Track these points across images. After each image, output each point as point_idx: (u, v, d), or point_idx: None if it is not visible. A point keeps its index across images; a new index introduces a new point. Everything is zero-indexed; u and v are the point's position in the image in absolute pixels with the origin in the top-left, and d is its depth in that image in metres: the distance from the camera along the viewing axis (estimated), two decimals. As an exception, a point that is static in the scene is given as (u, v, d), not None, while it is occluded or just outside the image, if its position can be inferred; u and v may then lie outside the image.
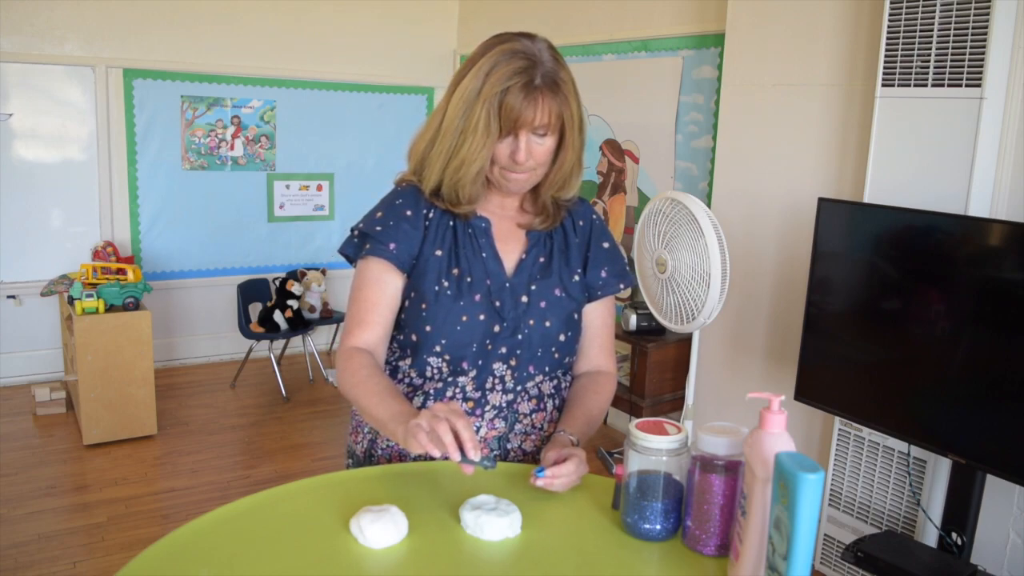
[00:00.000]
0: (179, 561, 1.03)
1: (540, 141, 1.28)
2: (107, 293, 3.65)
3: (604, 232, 1.49)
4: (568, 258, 1.42)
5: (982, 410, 2.07)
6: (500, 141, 1.28)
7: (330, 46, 5.01)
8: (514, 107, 1.24)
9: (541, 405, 1.42)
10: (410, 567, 1.05)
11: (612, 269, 1.45)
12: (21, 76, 4.26)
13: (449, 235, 1.37)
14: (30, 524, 2.99)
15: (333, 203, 5.19)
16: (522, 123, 1.25)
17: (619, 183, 4.08)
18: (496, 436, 1.39)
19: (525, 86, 1.23)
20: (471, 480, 1.25)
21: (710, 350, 3.31)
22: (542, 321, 1.37)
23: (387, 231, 1.35)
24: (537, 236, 1.41)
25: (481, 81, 1.25)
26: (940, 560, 2.21)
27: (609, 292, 1.45)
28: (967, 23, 2.20)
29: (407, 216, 1.35)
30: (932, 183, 2.35)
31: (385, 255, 1.34)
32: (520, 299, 1.37)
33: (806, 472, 0.84)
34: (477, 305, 1.34)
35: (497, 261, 1.38)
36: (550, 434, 1.44)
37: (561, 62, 1.29)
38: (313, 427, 4.05)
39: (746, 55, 3.09)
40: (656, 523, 1.10)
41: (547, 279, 1.39)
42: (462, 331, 1.33)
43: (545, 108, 1.25)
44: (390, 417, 1.20)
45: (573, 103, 1.30)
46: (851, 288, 2.43)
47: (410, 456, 1.39)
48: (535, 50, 1.26)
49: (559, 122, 1.28)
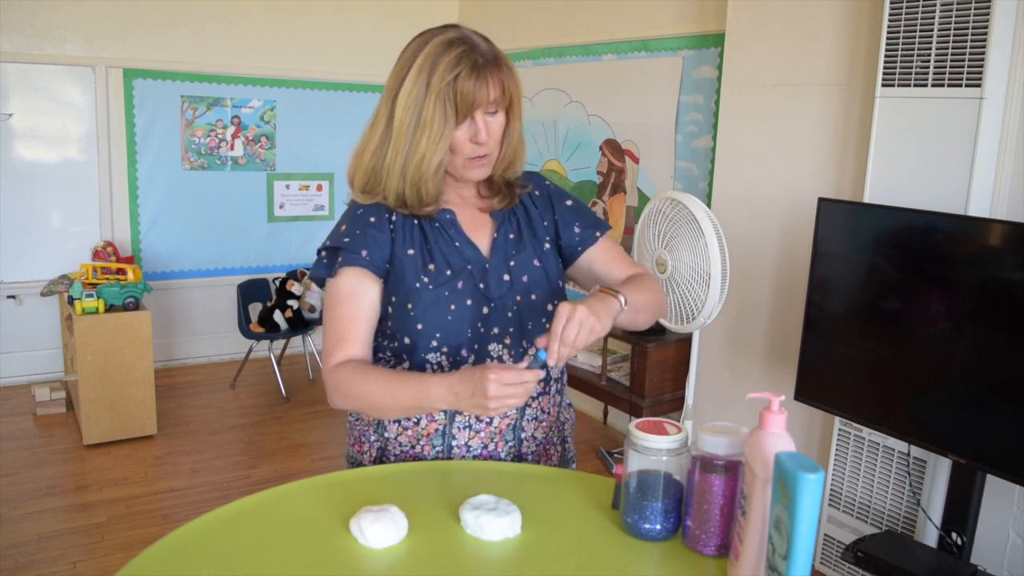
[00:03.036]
0: (179, 561, 1.03)
1: (491, 118, 1.31)
2: (107, 293, 3.65)
3: (562, 193, 1.50)
4: (535, 229, 1.44)
5: (982, 410, 2.07)
6: (457, 128, 1.29)
7: (330, 46, 5.01)
8: (468, 90, 1.26)
9: (547, 388, 1.44)
10: (410, 567, 1.05)
11: (583, 222, 1.47)
12: (21, 76, 4.26)
13: (417, 233, 1.37)
14: (30, 524, 2.99)
15: (333, 203, 5.19)
16: (478, 103, 1.27)
17: (619, 183, 4.08)
18: (509, 424, 1.39)
19: (473, 68, 1.26)
20: (471, 480, 1.25)
21: (710, 350, 3.31)
22: (528, 295, 1.39)
23: (355, 240, 1.33)
24: (502, 215, 1.43)
25: (427, 77, 1.26)
26: (940, 560, 2.21)
27: (588, 244, 1.46)
28: (967, 23, 2.20)
29: (371, 223, 1.35)
30: (932, 183, 2.35)
31: (359, 262, 1.32)
32: (503, 278, 1.38)
33: (806, 472, 0.84)
34: (461, 292, 1.35)
35: (472, 246, 1.39)
36: (557, 419, 1.47)
37: (489, 40, 1.33)
38: (313, 427, 4.05)
39: (746, 55, 3.09)
40: (656, 523, 1.10)
41: (522, 253, 1.41)
42: (453, 320, 1.34)
43: (494, 84, 1.28)
44: (417, 397, 1.23)
45: (514, 74, 1.33)
46: (851, 288, 2.43)
47: (427, 457, 1.40)
48: (466, 34, 1.30)
49: (507, 96, 1.31)
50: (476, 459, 1.38)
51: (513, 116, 1.35)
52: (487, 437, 1.38)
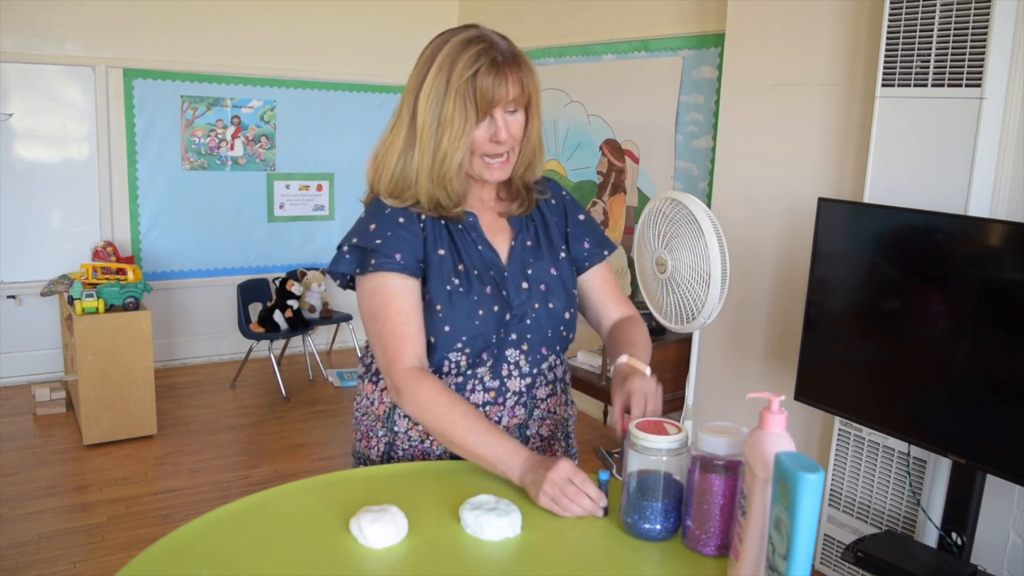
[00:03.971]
0: (179, 561, 1.03)
1: (511, 117, 1.31)
2: (107, 293, 3.65)
3: (576, 206, 1.53)
4: (551, 237, 1.45)
5: (982, 410, 2.07)
6: (477, 127, 1.29)
7: (330, 46, 5.01)
8: (487, 87, 1.27)
9: (555, 389, 1.45)
10: (410, 567, 1.05)
11: (593, 239, 1.50)
12: (21, 76, 4.26)
13: (445, 234, 1.37)
14: (30, 524, 2.99)
15: (333, 203, 5.19)
16: (497, 100, 1.28)
17: (619, 183, 4.08)
18: (517, 424, 1.40)
19: (492, 64, 1.27)
20: (471, 480, 1.25)
21: (710, 350, 3.31)
22: (546, 303, 1.40)
23: (387, 243, 1.31)
24: (519, 222, 1.43)
25: (447, 75, 1.27)
26: (940, 560, 2.21)
27: (595, 262, 1.50)
28: (967, 23, 2.20)
29: (401, 223, 1.33)
30: (932, 183, 2.35)
31: (394, 267, 1.30)
32: (521, 285, 1.38)
33: (806, 472, 0.84)
34: (489, 297, 1.36)
35: (493, 252, 1.39)
36: (562, 417, 1.48)
37: (508, 39, 1.33)
38: (313, 427, 4.05)
39: (746, 55, 3.09)
40: (656, 523, 1.10)
41: (540, 261, 1.42)
42: (480, 325, 1.34)
43: (514, 82, 1.29)
44: (497, 458, 1.23)
45: (534, 73, 1.33)
46: (851, 288, 2.43)
47: (433, 455, 1.41)
48: (484, 33, 1.31)
49: (526, 94, 1.31)
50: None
51: (532, 115, 1.35)
52: None
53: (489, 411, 1.38)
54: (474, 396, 1.37)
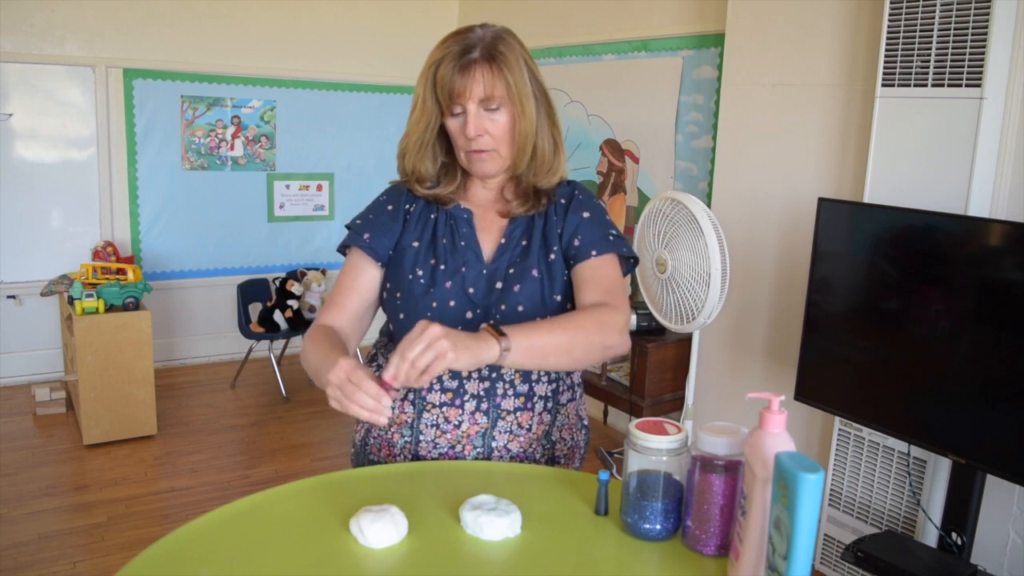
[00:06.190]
0: (179, 561, 1.03)
1: (492, 116, 1.32)
2: (107, 293, 3.65)
3: (583, 204, 1.42)
4: (547, 237, 1.40)
5: (982, 410, 2.07)
6: (451, 119, 1.33)
7: (330, 46, 5.01)
8: (445, 79, 1.29)
9: (529, 404, 1.39)
10: (410, 567, 1.05)
11: (587, 237, 1.38)
12: (21, 76, 4.26)
13: (429, 227, 1.41)
14: (30, 524, 2.99)
15: (333, 203, 5.19)
16: (456, 95, 1.30)
17: (619, 183, 4.08)
18: (479, 432, 1.38)
19: (458, 58, 1.29)
20: (471, 480, 1.25)
21: (710, 350, 3.31)
22: (515, 306, 1.35)
23: (365, 224, 1.43)
24: (516, 222, 1.41)
25: (428, 60, 1.33)
26: (940, 560, 2.21)
27: (582, 259, 1.37)
28: (967, 23, 2.20)
29: (388, 211, 1.43)
30: (932, 183, 2.35)
31: (359, 243, 1.41)
32: (495, 285, 1.37)
33: (806, 472, 0.84)
34: (448, 292, 1.35)
35: (477, 249, 1.39)
36: (540, 435, 1.43)
37: (509, 41, 1.33)
38: (313, 427, 4.05)
39: (746, 55, 3.09)
40: (656, 523, 1.10)
41: (525, 261, 1.38)
42: (432, 317, 1.33)
43: (482, 80, 1.29)
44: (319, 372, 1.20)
45: (518, 75, 1.31)
46: (851, 288, 2.43)
47: (396, 446, 1.40)
48: (475, 29, 1.33)
49: (501, 95, 1.30)
50: (442, 458, 1.38)
51: (518, 115, 1.33)
52: (454, 439, 1.37)
53: (447, 412, 1.36)
54: (431, 395, 1.36)
